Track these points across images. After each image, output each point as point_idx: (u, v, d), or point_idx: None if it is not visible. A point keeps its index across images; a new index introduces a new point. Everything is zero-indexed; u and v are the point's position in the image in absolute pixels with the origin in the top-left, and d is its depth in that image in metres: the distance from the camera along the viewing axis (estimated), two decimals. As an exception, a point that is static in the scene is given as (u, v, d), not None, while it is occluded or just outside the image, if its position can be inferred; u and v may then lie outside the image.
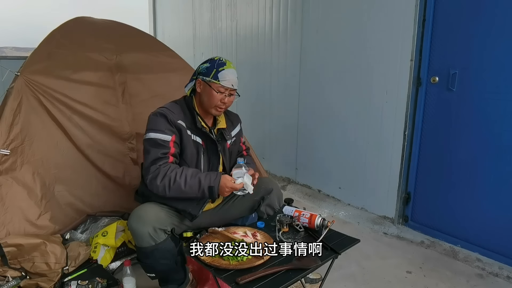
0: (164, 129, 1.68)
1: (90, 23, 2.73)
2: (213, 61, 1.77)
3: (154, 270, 1.76)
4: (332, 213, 3.18)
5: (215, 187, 1.63)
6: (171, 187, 1.62)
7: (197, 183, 1.63)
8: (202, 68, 1.78)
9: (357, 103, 3.03)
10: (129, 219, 1.68)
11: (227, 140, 1.90)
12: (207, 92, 1.75)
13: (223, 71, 1.73)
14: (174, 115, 1.73)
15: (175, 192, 1.63)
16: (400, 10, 2.63)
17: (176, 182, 1.62)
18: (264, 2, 3.88)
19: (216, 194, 1.65)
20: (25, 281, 1.82)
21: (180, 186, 1.62)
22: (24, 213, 2.01)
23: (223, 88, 1.73)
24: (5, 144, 2.01)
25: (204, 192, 1.64)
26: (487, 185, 2.38)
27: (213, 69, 1.73)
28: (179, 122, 1.73)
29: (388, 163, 2.86)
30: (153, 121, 1.71)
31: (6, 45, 7.59)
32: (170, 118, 1.70)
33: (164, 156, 1.67)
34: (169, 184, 1.62)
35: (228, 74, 1.73)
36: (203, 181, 1.63)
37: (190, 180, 1.63)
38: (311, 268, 1.43)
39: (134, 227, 1.64)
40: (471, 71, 2.38)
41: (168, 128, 1.70)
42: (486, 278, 2.25)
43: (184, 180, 1.62)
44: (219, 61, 1.76)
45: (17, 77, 2.15)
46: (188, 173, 1.65)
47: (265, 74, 3.96)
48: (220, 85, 1.72)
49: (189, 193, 1.64)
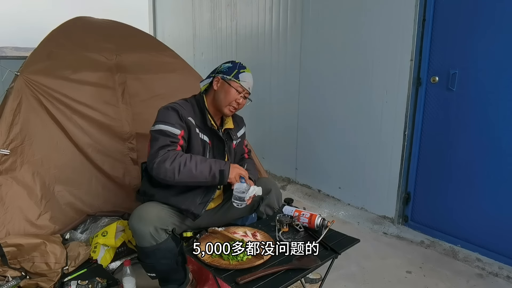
0: (174, 123, 1.70)
1: (90, 23, 2.73)
2: (235, 63, 1.86)
3: (155, 270, 1.76)
4: (332, 213, 3.18)
5: (225, 170, 1.65)
6: (181, 171, 1.61)
7: (208, 167, 1.65)
8: (224, 67, 1.84)
9: (357, 103, 3.03)
10: (130, 219, 1.67)
11: (233, 140, 1.94)
12: (225, 90, 1.80)
13: (244, 73, 1.82)
14: (185, 111, 1.75)
15: (185, 176, 1.62)
16: (400, 10, 2.63)
17: (186, 165, 1.62)
18: (264, 2, 3.88)
19: (227, 177, 1.66)
20: (25, 281, 1.82)
21: (191, 169, 1.62)
22: (24, 213, 2.01)
23: (241, 88, 1.80)
24: (5, 144, 2.01)
25: (215, 176, 1.65)
26: (487, 185, 2.38)
27: (234, 69, 1.82)
28: (189, 119, 1.75)
29: (388, 163, 2.87)
30: (164, 114, 1.73)
31: (6, 45, 7.58)
32: (181, 113, 1.73)
33: (173, 144, 1.68)
34: (179, 167, 1.61)
35: (248, 77, 1.83)
36: (213, 166, 1.66)
37: (201, 164, 1.64)
38: (311, 268, 1.43)
39: (136, 227, 1.64)
40: (471, 71, 2.38)
41: (178, 122, 1.71)
42: (486, 278, 2.25)
43: (194, 164, 1.63)
44: (240, 64, 1.86)
45: (17, 77, 2.15)
46: (198, 159, 1.67)
47: (265, 74, 3.97)
48: (239, 85, 1.79)
49: (199, 178, 1.64)
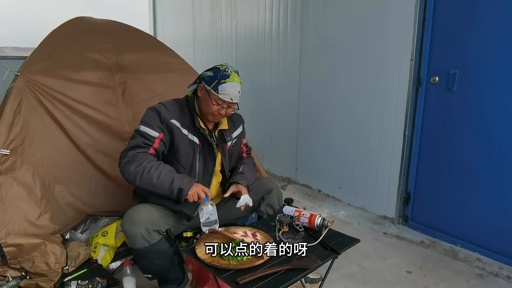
0: (153, 125, 1.68)
1: (90, 23, 2.73)
2: (217, 71, 1.70)
3: (150, 271, 1.76)
4: (332, 213, 3.18)
5: (184, 190, 1.60)
6: (143, 177, 1.60)
7: (169, 181, 1.61)
8: (205, 75, 1.73)
9: (357, 103, 3.03)
10: (122, 221, 1.68)
11: (227, 142, 1.88)
12: (206, 101, 1.72)
13: (224, 84, 1.66)
14: (169, 113, 1.72)
15: (145, 183, 1.61)
16: (400, 10, 2.63)
17: (149, 173, 1.60)
18: (264, 2, 3.88)
19: (184, 198, 1.61)
20: (25, 281, 1.82)
21: (151, 178, 1.60)
22: (24, 213, 2.01)
23: (221, 100, 1.68)
24: (5, 144, 2.01)
25: (173, 192, 1.61)
26: (487, 184, 2.38)
27: (215, 80, 1.68)
28: (172, 122, 1.71)
29: (388, 163, 2.86)
30: (147, 115, 1.72)
31: (6, 45, 7.59)
32: (163, 116, 1.70)
33: (145, 146, 1.66)
34: (142, 173, 1.59)
35: (228, 88, 1.67)
36: (176, 181, 1.61)
37: (164, 176, 1.61)
38: (311, 268, 1.43)
39: (127, 228, 1.64)
40: (471, 71, 2.38)
41: (158, 125, 1.69)
42: (486, 278, 2.25)
43: (158, 174, 1.60)
44: (223, 72, 1.69)
45: (17, 77, 2.15)
46: (164, 169, 1.63)
47: (265, 74, 3.96)
48: (218, 97, 1.67)
49: (158, 188, 1.62)
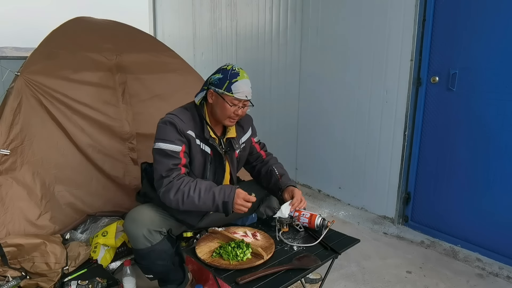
0: (174, 139, 1.61)
1: (90, 23, 2.73)
2: (225, 71, 1.66)
3: (151, 271, 1.75)
4: (332, 213, 3.18)
5: (229, 203, 1.56)
6: (184, 202, 1.56)
7: (211, 198, 1.57)
8: (214, 79, 1.67)
9: (357, 102, 3.03)
10: (124, 221, 1.68)
11: (235, 150, 1.83)
12: (220, 104, 1.66)
13: (237, 83, 1.63)
14: (184, 124, 1.64)
15: (188, 206, 1.58)
16: (400, 10, 2.63)
17: (190, 196, 1.55)
18: (264, 2, 3.88)
19: (231, 210, 1.57)
20: (25, 281, 1.82)
21: (193, 201, 1.56)
22: (24, 213, 2.01)
23: (236, 100, 1.64)
24: (5, 144, 2.01)
25: (218, 207, 1.57)
26: (487, 184, 2.38)
27: (226, 81, 1.63)
28: (188, 133, 1.65)
29: (388, 163, 2.87)
30: (162, 130, 1.63)
31: (6, 45, 7.60)
32: (180, 128, 1.62)
33: (176, 168, 1.60)
34: (182, 198, 1.56)
35: (241, 85, 1.63)
36: (217, 196, 1.57)
37: (204, 194, 1.56)
38: (311, 268, 1.43)
39: (129, 229, 1.63)
40: (471, 71, 2.38)
41: (178, 138, 1.62)
42: (486, 278, 2.25)
43: (198, 194, 1.56)
44: (231, 71, 1.65)
45: (17, 77, 2.15)
46: (202, 187, 1.58)
47: (265, 74, 3.97)
48: (233, 98, 1.63)
49: (203, 208, 1.59)
